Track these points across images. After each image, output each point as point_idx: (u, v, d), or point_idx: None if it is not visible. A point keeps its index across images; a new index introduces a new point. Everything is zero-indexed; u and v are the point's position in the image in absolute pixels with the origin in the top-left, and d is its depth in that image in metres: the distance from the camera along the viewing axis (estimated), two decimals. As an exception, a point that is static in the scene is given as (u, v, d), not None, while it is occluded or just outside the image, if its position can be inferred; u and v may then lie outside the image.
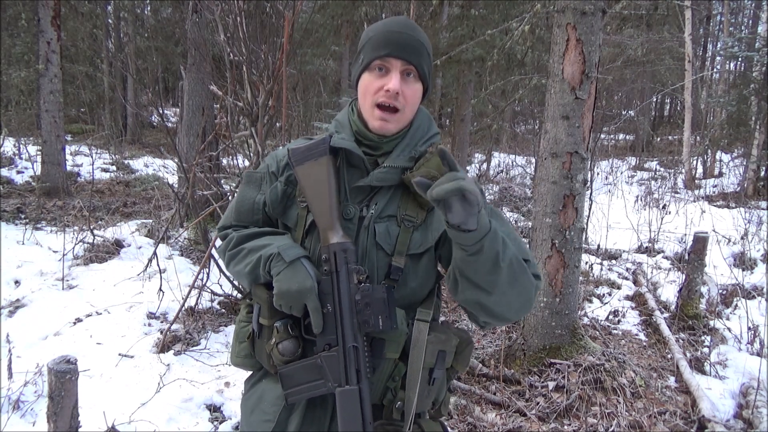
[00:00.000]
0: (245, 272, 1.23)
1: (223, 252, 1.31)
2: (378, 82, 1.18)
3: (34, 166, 8.30)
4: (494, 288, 1.10)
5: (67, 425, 1.83)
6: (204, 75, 5.91)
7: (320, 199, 1.17)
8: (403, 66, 1.17)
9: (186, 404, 2.88)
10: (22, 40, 10.38)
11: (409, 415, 1.17)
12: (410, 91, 1.18)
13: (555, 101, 3.33)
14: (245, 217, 1.32)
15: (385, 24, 1.21)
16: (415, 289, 1.22)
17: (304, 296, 1.13)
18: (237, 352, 1.30)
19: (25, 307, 3.90)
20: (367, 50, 1.19)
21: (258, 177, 1.32)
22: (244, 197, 1.32)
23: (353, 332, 1.13)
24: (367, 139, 1.22)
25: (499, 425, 2.85)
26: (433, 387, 1.21)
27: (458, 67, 7.29)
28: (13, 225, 5.75)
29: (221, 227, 1.37)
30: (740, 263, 5.71)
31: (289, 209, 1.27)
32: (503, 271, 1.08)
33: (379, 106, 1.18)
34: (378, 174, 1.19)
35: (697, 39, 16.45)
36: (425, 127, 1.26)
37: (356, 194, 1.22)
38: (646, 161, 14.38)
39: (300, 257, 1.16)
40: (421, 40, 1.19)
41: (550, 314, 3.41)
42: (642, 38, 11.96)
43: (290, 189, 1.27)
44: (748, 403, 3.06)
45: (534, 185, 4.34)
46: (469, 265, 1.08)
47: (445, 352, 1.21)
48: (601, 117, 11.08)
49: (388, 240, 1.19)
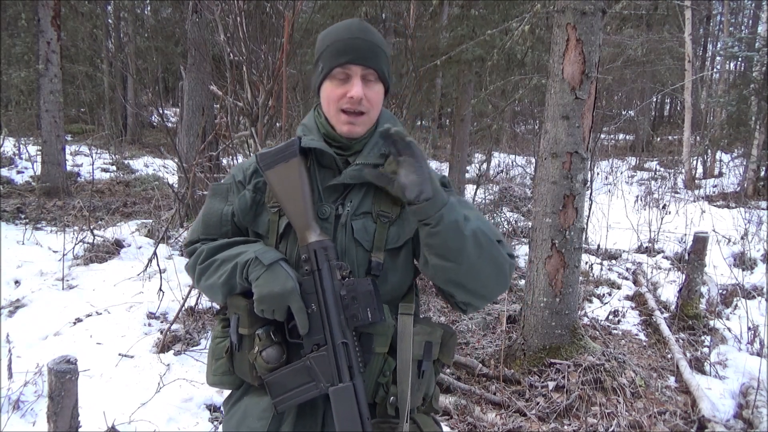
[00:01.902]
0: (219, 283, 1.20)
1: (193, 267, 1.27)
2: (340, 90, 1.19)
3: (34, 166, 8.30)
4: (462, 258, 1.12)
5: (67, 425, 1.82)
6: (204, 75, 5.91)
7: (294, 200, 1.17)
8: (363, 71, 1.19)
9: (186, 404, 2.88)
10: (22, 40, 10.39)
11: (404, 410, 1.17)
12: (372, 93, 1.21)
13: (555, 101, 3.33)
14: (213, 230, 1.29)
15: (340, 31, 1.22)
16: (396, 284, 1.23)
17: (287, 298, 1.12)
18: (214, 370, 1.26)
19: (25, 307, 3.90)
20: (326, 58, 1.20)
21: (224, 188, 1.30)
22: (211, 210, 1.30)
23: (341, 329, 1.13)
24: (336, 141, 1.23)
25: (499, 425, 2.85)
26: (422, 380, 1.22)
27: (458, 67, 7.29)
28: (13, 225, 5.75)
29: (188, 243, 1.33)
30: (740, 263, 5.71)
31: (259, 216, 1.26)
32: (468, 240, 1.11)
33: (344, 112, 1.20)
34: (350, 172, 1.20)
35: (697, 39, 16.45)
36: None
37: (330, 194, 1.23)
38: (646, 161, 14.37)
39: (278, 260, 1.15)
40: (377, 43, 1.21)
41: (550, 314, 3.41)
42: (642, 38, 11.96)
43: (259, 196, 1.26)
44: (748, 403, 3.06)
45: (534, 185, 4.33)
46: (434, 237, 1.10)
47: (432, 344, 1.22)
48: (601, 117, 11.08)
49: (366, 236, 1.19)
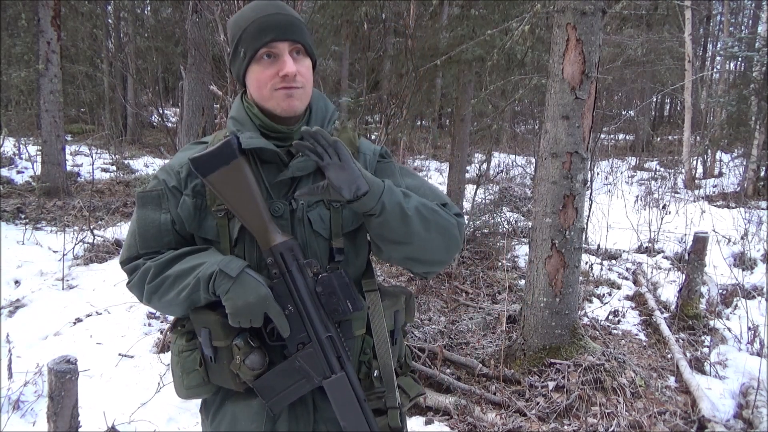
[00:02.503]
0: (179, 300, 1.14)
1: (139, 286, 1.18)
2: (270, 70, 1.14)
3: (34, 166, 8.30)
4: (411, 237, 1.14)
5: (67, 425, 1.82)
6: (204, 75, 5.91)
7: (246, 203, 1.11)
8: (290, 46, 1.15)
9: (186, 404, 2.88)
10: (22, 40, 10.38)
11: (392, 381, 1.21)
12: (303, 68, 1.17)
13: (555, 101, 3.33)
14: (153, 242, 1.19)
15: (254, 10, 1.15)
16: (358, 265, 1.25)
17: (263, 305, 1.10)
18: (186, 384, 1.20)
19: (25, 307, 3.91)
20: (246, 41, 1.14)
21: (155, 196, 1.20)
22: (145, 221, 1.19)
23: (323, 324, 1.14)
24: (275, 131, 1.17)
25: (499, 425, 2.85)
26: (396, 347, 1.28)
27: (458, 67, 7.28)
28: (13, 225, 5.75)
29: (126, 260, 1.22)
30: (740, 263, 5.70)
31: (204, 221, 1.18)
32: (413, 219, 1.13)
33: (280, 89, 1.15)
34: (297, 164, 1.16)
35: (697, 39, 16.45)
36: (323, 107, 1.26)
37: (279, 189, 1.18)
38: (646, 161, 14.37)
39: (244, 268, 1.11)
40: (296, 17, 1.18)
41: (550, 314, 3.41)
42: (642, 38, 11.95)
43: (200, 200, 1.18)
44: (748, 403, 3.06)
45: (534, 185, 4.33)
46: (382, 226, 1.12)
47: (399, 311, 1.28)
48: (601, 117, 11.08)
49: (323, 225, 1.19)
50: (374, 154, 1.29)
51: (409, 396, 1.30)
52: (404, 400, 1.28)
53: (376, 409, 1.22)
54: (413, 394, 1.31)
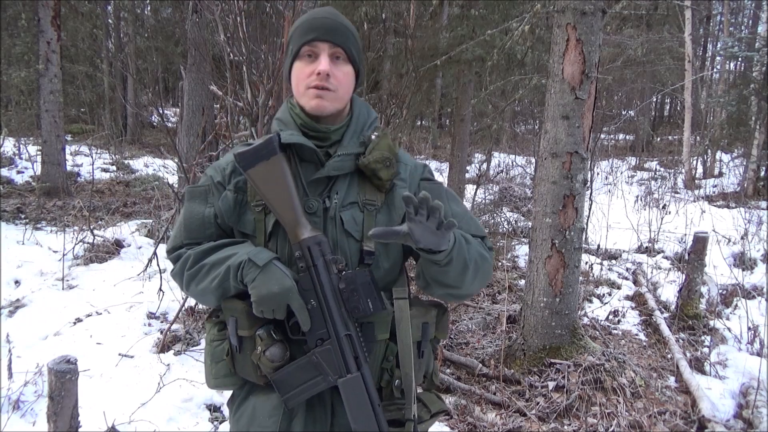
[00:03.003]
0: (212, 288, 1.19)
1: (180, 273, 1.25)
2: (308, 68, 1.19)
3: (34, 166, 8.30)
4: (463, 284, 1.19)
5: (67, 425, 1.82)
6: (204, 75, 5.90)
7: (281, 198, 1.16)
8: (331, 49, 1.19)
9: (186, 404, 2.88)
10: (22, 40, 10.36)
11: (410, 391, 1.20)
12: (341, 73, 1.20)
13: (555, 101, 3.32)
14: (197, 234, 1.26)
15: (309, 13, 1.23)
16: (388, 270, 1.24)
17: (286, 297, 1.12)
18: (215, 373, 1.25)
19: (25, 307, 3.90)
20: (294, 39, 1.21)
21: (202, 190, 1.27)
22: (191, 213, 1.27)
23: (344, 321, 1.14)
24: (315, 131, 1.22)
25: (499, 425, 2.85)
26: (423, 360, 1.26)
27: (458, 67, 7.28)
28: (13, 225, 5.75)
29: (171, 249, 1.29)
30: (740, 263, 5.70)
31: (243, 216, 1.23)
32: (470, 270, 1.17)
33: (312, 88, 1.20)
34: (334, 163, 1.20)
35: (697, 39, 16.45)
36: (365, 113, 1.29)
37: (315, 187, 1.22)
38: (646, 161, 14.37)
39: (272, 259, 1.15)
40: (346, 25, 1.22)
41: (550, 314, 3.41)
42: (642, 38, 11.94)
43: (241, 195, 1.23)
44: (748, 403, 3.06)
45: (534, 185, 4.34)
46: (441, 273, 1.15)
47: (428, 324, 1.26)
48: (601, 117, 11.08)
49: (356, 226, 1.20)
50: (416, 167, 1.31)
51: (429, 411, 1.28)
52: (424, 414, 1.26)
53: (395, 420, 1.21)
54: (434, 409, 1.29)
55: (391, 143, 1.26)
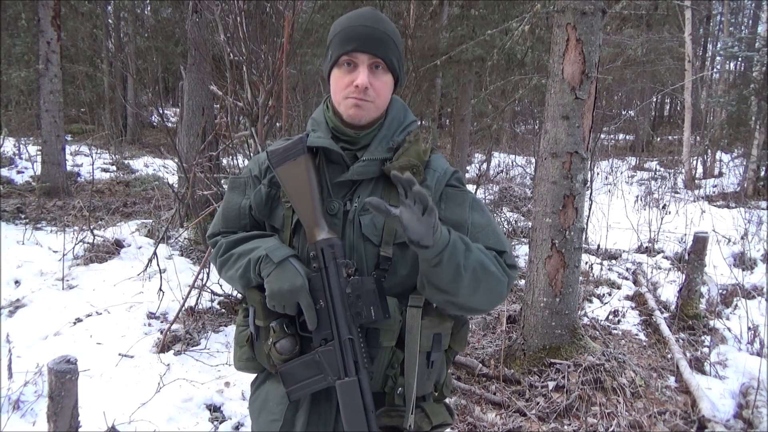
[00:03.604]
0: (237, 277, 1.24)
1: (215, 259, 1.32)
2: (347, 78, 1.19)
3: (34, 166, 8.30)
4: (458, 292, 1.14)
5: (67, 425, 1.82)
6: (204, 75, 5.90)
7: (302, 197, 1.19)
8: (370, 60, 1.18)
9: (186, 404, 2.88)
10: (22, 40, 10.38)
11: (410, 400, 1.19)
12: (380, 83, 1.20)
13: (555, 101, 3.33)
14: (232, 223, 1.32)
15: (350, 18, 1.21)
16: (406, 276, 1.23)
17: (296, 295, 1.15)
18: (239, 357, 1.31)
19: (25, 307, 3.90)
20: (334, 46, 1.20)
21: (242, 182, 1.33)
22: (230, 203, 1.33)
23: (347, 325, 1.15)
24: (345, 135, 1.23)
25: (499, 425, 2.85)
26: (432, 370, 1.24)
27: (458, 67, 7.29)
28: (13, 225, 5.75)
29: (210, 235, 1.37)
30: (740, 263, 5.71)
31: (275, 210, 1.27)
32: (464, 278, 1.13)
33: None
34: (358, 168, 1.20)
35: (697, 39, 16.45)
36: (401, 117, 1.28)
37: (339, 190, 1.23)
38: (646, 161, 14.38)
39: (288, 257, 1.17)
40: (387, 32, 1.20)
41: (550, 314, 3.41)
42: (642, 38, 11.94)
43: (274, 191, 1.27)
44: (748, 403, 3.06)
45: (534, 185, 4.34)
46: (432, 274, 1.13)
47: (441, 335, 1.23)
48: (601, 117, 11.08)
49: (375, 231, 1.20)
50: (445, 173, 1.26)
51: (431, 422, 1.25)
52: (424, 425, 1.24)
53: (394, 427, 1.20)
54: (436, 421, 1.26)
55: (422, 150, 1.24)
